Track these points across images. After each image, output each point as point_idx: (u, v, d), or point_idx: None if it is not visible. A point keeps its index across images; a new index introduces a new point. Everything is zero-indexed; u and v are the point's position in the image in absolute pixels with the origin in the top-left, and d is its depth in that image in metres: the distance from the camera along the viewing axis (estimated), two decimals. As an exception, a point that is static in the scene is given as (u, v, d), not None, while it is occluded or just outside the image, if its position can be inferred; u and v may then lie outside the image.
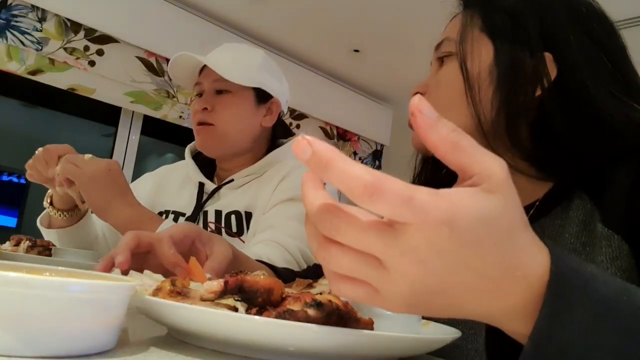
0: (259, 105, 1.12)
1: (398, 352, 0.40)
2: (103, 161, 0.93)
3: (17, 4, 2.34)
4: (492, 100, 0.58)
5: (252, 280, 0.40)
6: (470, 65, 0.60)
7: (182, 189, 1.16)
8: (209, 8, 2.89)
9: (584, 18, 0.59)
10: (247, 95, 1.10)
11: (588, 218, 0.53)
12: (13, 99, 2.98)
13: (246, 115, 1.10)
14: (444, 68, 0.64)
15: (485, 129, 0.58)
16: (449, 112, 0.60)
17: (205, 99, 1.09)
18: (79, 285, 0.32)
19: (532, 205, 0.59)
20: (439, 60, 0.65)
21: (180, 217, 1.11)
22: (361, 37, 3.04)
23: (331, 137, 3.72)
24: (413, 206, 0.27)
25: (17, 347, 0.30)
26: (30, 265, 0.42)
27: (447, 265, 0.28)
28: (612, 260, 0.50)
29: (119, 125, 2.80)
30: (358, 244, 0.28)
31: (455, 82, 0.61)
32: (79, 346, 0.33)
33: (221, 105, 1.08)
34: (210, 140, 1.10)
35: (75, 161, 0.92)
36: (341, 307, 0.39)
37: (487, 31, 0.61)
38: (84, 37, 2.52)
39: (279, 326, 0.36)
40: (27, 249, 0.90)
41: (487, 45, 0.60)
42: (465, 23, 0.63)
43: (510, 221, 0.30)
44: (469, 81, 0.59)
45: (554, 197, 0.58)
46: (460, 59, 0.60)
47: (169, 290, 0.43)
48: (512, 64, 0.58)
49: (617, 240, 0.50)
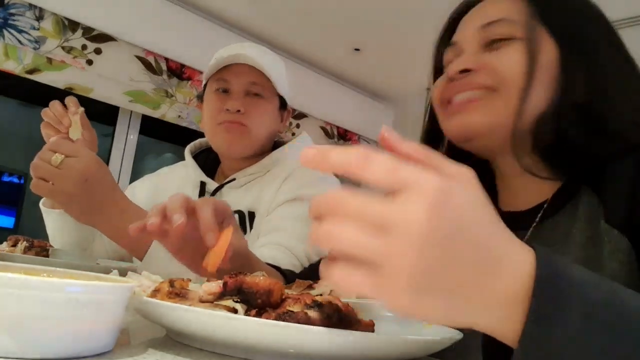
0: (280, 112, 1.15)
1: (399, 354, 0.40)
2: (83, 160, 0.76)
3: (15, 3, 2.34)
4: (545, 98, 0.56)
5: (251, 282, 0.40)
6: (538, 54, 0.56)
7: (183, 189, 1.15)
8: (208, 7, 2.89)
9: (612, 30, 0.61)
10: (275, 102, 1.13)
11: (593, 214, 0.54)
12: (10, 98, 2.97)
13: (274, 121, 1.13)
14: (504, 49, 0.58)
15: (518, 127, 0.56)
16: (515, 97, 0.56)
17: (239, 100, 1.07)
18: (77, 286, 0.32)
19: (543, 204, 0.60)
20: (488, 39, 0.60)
21: None
22: (362, 36, 3.04)
23: (331, 136, 3.71)
24: (407, 167, 0.29)
25: (15, 348, 0.30)
26: (28, 266, 0.41)
27: (446, 232, 0.28)
28: (611, 254, 0.50)
29: (117, 124, 2.80)
30: (360, 210, 0.29)
31: (520, 67, 0.56)
32: (76, 347, 0.32)
33: (257, 110, 1.08)
34: (242, 141, 1.09)
35: (48, 158, 0.75)
36: (341, 309, 0.39)
37: (551, 29, 0.58)
38: (81, 35, 2.51)
39: (278, 328, 0.35)
40: (24, 250, 0.89)
41: (549, 41, 0.58)
42: (531, 10, 0.59)
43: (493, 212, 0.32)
44: (536, 70, 0.56)
45: (564, 195, 0.58)
46: (529, 44, 0.57)
47: (168, 292, 0.43)
48: (574, 70, 0.57)
49: (618, 234, 0.51)
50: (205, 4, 2.86)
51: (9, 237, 0.95)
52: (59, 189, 0.75)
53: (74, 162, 0.75)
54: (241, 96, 1.08)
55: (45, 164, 0.74)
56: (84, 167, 0.75)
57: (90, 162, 0.76)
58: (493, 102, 0.58)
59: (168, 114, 2.82)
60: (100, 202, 0.77)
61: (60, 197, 0.76)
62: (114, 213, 0.78)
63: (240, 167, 1.12)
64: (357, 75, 3.63)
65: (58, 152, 0.74)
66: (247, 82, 1.08)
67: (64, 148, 0.75)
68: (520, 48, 0.57)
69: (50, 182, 0.75)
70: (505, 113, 0.57)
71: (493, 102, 0.58)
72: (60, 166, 0.74)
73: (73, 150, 0.76)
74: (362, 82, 3.75)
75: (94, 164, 0.76)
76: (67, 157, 0.75)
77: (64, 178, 0.74)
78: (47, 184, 0.75)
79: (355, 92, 3.82)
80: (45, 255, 0.90)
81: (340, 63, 3.45)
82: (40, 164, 0.75)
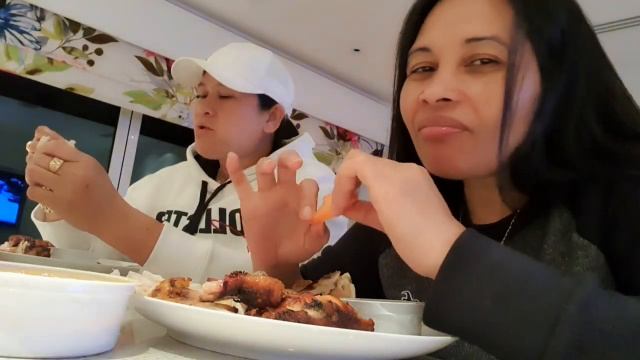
0: (262, 111, 1.10)
1: (398, 353, 0.40)
2: (83, 165, 0.72)
3: (16, 3, 2.34)
4: (523, 134, 0.53)
5: (251, 281, 0.40)
6: (519, 88, 0.51)
7: (184, 189, 1.15)
8: (208, 7, 2.89)
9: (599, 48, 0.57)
10: (251, 101, 1.08)
11: (565, 228, 0.53)
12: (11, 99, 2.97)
13: (248, 121, 1.08)
14: (489, 77, 0.52)
15: (501, 158, 0.52)
16: (496, 139, 0.51)
17: (208, 103, 1.07)
18: (78, 286, 0.32)
19: (513, 216, 0.59)
20: (471, 59, 0.53)
21: (183, 216, 1.10)
22: (361, 37, 3.04)
23: (331, 136, 3.71)
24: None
25: (16, 347, 0.30)
26: (29, 266, 0.42)
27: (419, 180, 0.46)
28: (590, 271, 0.50)
29: (117, 125, 2.80)
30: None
31: (501, 100, 0.51)
32: (78, 347, 0.32)
33: (223, 112, 1.06)
34: (210, 145, 1.09)
35: (46, 163, 0.71)
36: (341, 308, 0.39)
37: (538, 55, 0.52)
38: (82, 36, 2.51)
39: (278, 327, 0.36)
40: (25, 250, 0.89)
41: (534, 69, 0.52)
42: (516, 31, 0.51)
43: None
44: (515, 105, 0.51)
45: (534, 207, 0.57)
46: (510, 79, 0.50)
47: (168, 291, 0.43)
48: (557, 102, 0.52)
49: (594, 250, 0.50)
50: (206, 5, 2.86)
51: (10, 237, 0.95)
52: (59, 196, 0.70)
53: (74, 168, 0.70)
54: (213, 99, 1.07)
55: (43, 170, 0.70)
56: (85, 173, 0.71)
57: (91, 168, 0.72)
58: (471, 142, 0.53)
59: (169, 114, 2.82)
60: (100, 208, 0.74)
61: (60, 205, 0.72)
62: (115, 219, 0.75)
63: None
64: (357, 75, 3.63)
65: (56, 156, 0.70)
66: (216, 84, 1.05)
67: (62, 152, 0.70)
68: (501, 71, 0.51)
69: (48, 188, 0.71)
70: (486, 151, 0.52)
71: (471, 141, 0.53)
72: (59, 172, 0.70)
73: (72, 154, 0.72)
74: (362, 82, 3.75)
75: (95, 169, 0.73)
76: (65, 162, 0.70)
77: (63, 184, 0.70)
78: (46, 191, 0.71)
79: (355, 92, 3.82)
80: (46, 255, 0.91)
81: (340, 63, 3.44)
82: (37, 170, 0.70)
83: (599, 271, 0.50)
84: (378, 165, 0.46)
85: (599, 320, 0.35)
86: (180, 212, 1.11)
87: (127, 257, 1.10)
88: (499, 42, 0.52)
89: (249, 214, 0.57)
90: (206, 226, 1.07)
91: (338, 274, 0.56)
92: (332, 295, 0.43)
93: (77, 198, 0.70)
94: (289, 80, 1.17)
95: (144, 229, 0.79)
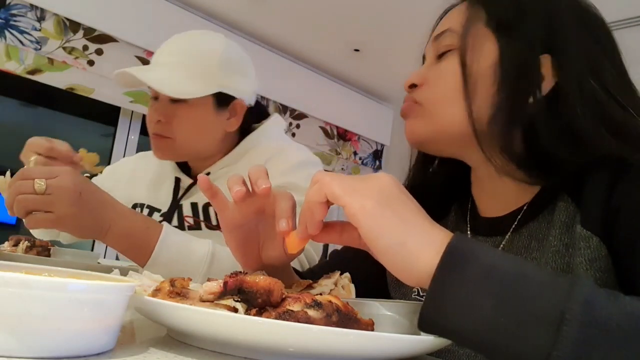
0: (220, 111, 1.02)
1: (398, 353, 0.40)
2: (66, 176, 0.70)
3: (16, 3, 2.34)
4: (491, 101, 0.56)
5: (251, 281, 0.40)
6: (472, 62, 0.57)
7: (158, 184, 1.13)
8: (208, 7, 2.89)
9: (590, 23, 0.58)
10: (205, 102, 1.00)
11: (570, 220, 0.53)
12: (12, 99, 2.97)
13: (206, 125, 1.02)
14: (445, 61, 0.61)
15: (478, 130, 0.56)
16: (445, 109, 0.59)
17: (160, 109, 1.00)
18: (78, 286, 0.32)
19: (521, 209, 0.59)
20: (438, 52, 0.62)
21: (155, 212, 1.08)
22: (361, 37, 3.04)
23: (331, 137, 3.71)
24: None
25: (16, 347, 0.30)
26: (29, 266, 0.42)
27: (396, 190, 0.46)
28: (591, 262, 0.50)
29: (118, 125, 2.80)
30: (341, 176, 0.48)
31: (455, 77, 0.58)
32: (78, 347, 0.32)
33: (177, 118, 0.99)
34: (169, 153, 1.04)
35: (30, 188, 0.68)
36: (341, 308, 0.39)
37: (493, 26, 0.58)
38: (82, 36, 2.51)
39: (278, 327, 0.36)
40: (25, 249, 0.90)
41: (491, 42, 0.58)
42: (470, 16, 0.59)
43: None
44: (469, 78, 0.57)
45: (542, 200, 0.58)
46: (461, 54, 0.58)
47: (169, 291, 0.43)
48: (517, 65, 0.56)
49: (596, 241, 0.50)
50: (206, 5, 2.87)
51: (10, 236, 0.95)
52: (60, 214, 0.68)
53: (59, 182, 0.68)
54: (164, 103, 1.00)
55: (31, 196, 0.68)
56: (73, 182, 0.69)
57: (74, 176, 0.70)
58: (421, 112, 0.62)
59: (169, 114, 2.82)
60: (97, 212, 0.73)
61: (64, 222, 0.70)
62: (115, 219, 0.74)
63: (204, 166, 1.07)
64: (357, 75, 3.63)
65: (35, 179, 0.67)
66: None
67: (39, 173, 0.68)
68: (457, 54, 0.59)
69: (44, 211, 0.68)
70: (439, 119, 0.60)
71: (421, 112, 0.62)
72: (48, 191, 0.67)
73: (49, 172, 0.69)
74: (362, 82, 3.75)
75: (78, 176, 0.71)
76: (47, 180, 0.68)
77: (59, 201, 0.68)
78: (44, 215, 0.69)
79: (355, 92, 3.82)
80: (46, 254, 0.91)
81: (340, 63, 3.45)
82: (26, 198, 0.68)
83: (600, 262, 0.50)
84: (346, 182, 0.45)
85: (603, 318, 0.36)
86: (154, 207, 1.08)
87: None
88: (452, 31, 0.61)
89: (227, 225, 0.58)
90: (179, 223, 1.04)
91: (338, 274, 0.56)
92: (332, 295, 0.43)
93: (76, 209, 0.69)
94: (248, 66, 1.07)
95: (144, 227, 0.79)
